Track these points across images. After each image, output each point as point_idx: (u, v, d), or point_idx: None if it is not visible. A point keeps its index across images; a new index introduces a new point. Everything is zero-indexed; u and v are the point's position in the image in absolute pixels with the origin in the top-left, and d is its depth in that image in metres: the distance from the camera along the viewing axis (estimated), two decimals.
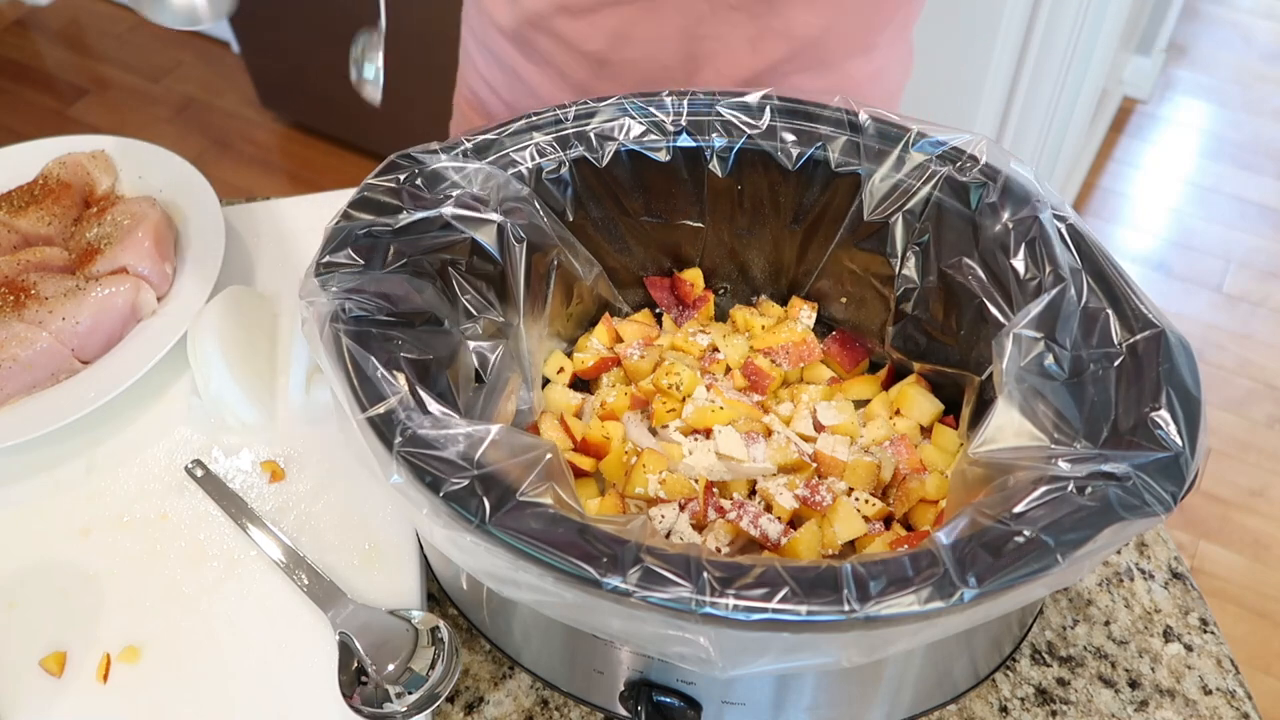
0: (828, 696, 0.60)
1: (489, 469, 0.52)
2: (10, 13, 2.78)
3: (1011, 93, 1.61)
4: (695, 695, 0.59)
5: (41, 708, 0.65)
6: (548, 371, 0.77)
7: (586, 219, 0.74)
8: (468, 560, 0.52)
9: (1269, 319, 2.14)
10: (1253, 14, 2.82)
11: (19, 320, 0.79)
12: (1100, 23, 1.65)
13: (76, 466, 0.77)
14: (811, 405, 0.74)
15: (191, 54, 2.65)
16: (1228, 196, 2.37)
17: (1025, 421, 0.59)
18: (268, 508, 0.74)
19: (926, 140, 0.69)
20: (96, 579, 0.71)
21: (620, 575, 0.48)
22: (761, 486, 0.69)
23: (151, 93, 2.55)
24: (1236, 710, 0.67)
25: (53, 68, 2.66)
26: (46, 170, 0.92)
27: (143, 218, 0.86)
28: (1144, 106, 2.55)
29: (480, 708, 0.67)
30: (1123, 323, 0.59)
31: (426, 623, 0.65)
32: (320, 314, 0.58)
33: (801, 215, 0.75)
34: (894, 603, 0.47)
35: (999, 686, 0.68)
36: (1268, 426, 1.96)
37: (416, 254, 0.64)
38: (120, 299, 0.80)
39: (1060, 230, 0.63)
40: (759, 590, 0.47)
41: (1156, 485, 0.51)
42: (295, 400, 0.80)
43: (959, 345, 0.71)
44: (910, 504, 0.69)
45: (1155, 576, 0.73)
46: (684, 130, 0.72)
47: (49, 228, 0.88)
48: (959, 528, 0.51)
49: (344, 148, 2.38)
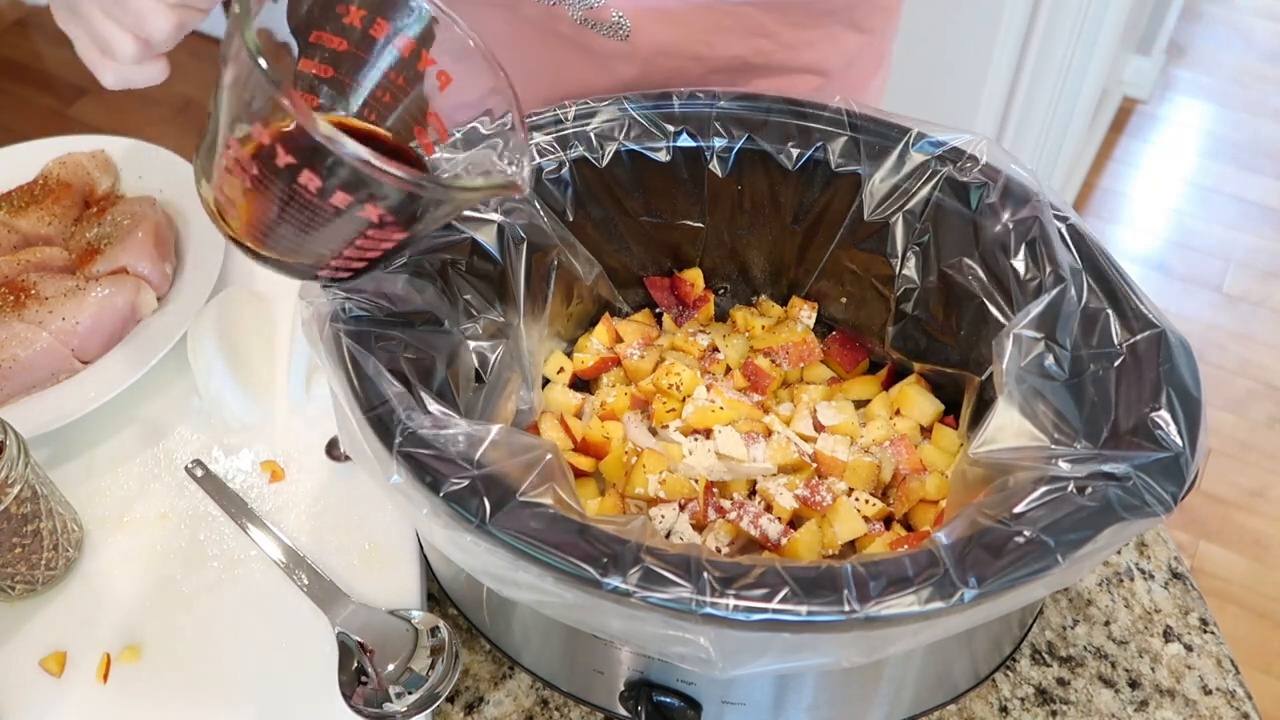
0: (828, 696, 0.60)
1: (489, 469, 0.52)
2: (10, 13, 2.78)
3: (1011, 93, 1.61)
4: (695, 695, 0.59)
5: (41, 708, 0.65)
6: (548, 371, 0.77)
7: (586, 219, 0.74)
8: (468, 560, 0.52)
9: (1269, 319, 2.14)
10: (1253, 14, 2.82)
11: (19, 320, 0.79)
12: (1100, 23, 1.65)
13: (76, 466, 0.77)
14: (811, 405, 0.74)
15: (191, 54, 2.64)
16: (1228, 196, 2.37)
17: (1025, 422, 0.59)
18: (268, 508, 0.74)
19: (926, 140, 0.69)
20: (96, 579, 0.71)
21: (620, 575, 0.48)
22: (761, 486, 0.69)
23: (151, 93, 2.53)
24: (1236, 710, 0.67)
25: (53, 68, 2.66)
26: (46, 170, 0.92)
27: (143, 218, 0.86)
28: (1144, 106, 2.55)
29: (480, 708, 0.67)
30: (1123, 323, 0.59)
31: (426, 623, 0.65)
32: (320, 314, 0.58)
33: (801, 215, 0.75)
34: (894, 603, 0.47)
35: (999, 686, 0.68)
36: (1268, 426, 1.96)
37: (416, 254, 0.64)
38: (120, 299, 0.80)
39: (1060, 230, 0.63)
40: (759, 590, 0.47)
41: (1156, 485, 0.51)
42: (295, 400, 0.80)
43: (959, 345, 0.71)
44: (910, 504, 0.69)
45: (1155, 576, 0.73)
46: (684, 130, 0.72)
47: (49, 228, 0.88)
48: (959, 528, 0.51)
49: None
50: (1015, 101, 1.63)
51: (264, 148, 0.49)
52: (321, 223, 0.51)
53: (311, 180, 0.49)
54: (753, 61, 0.81)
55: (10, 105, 2.55)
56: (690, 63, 0.80)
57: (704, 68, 0.81)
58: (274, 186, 0.50)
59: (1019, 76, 1.59)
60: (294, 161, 0.48)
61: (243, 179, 0.51)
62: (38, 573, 0.68)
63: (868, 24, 0.84)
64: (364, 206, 0.50)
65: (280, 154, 0.48)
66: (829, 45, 0.83)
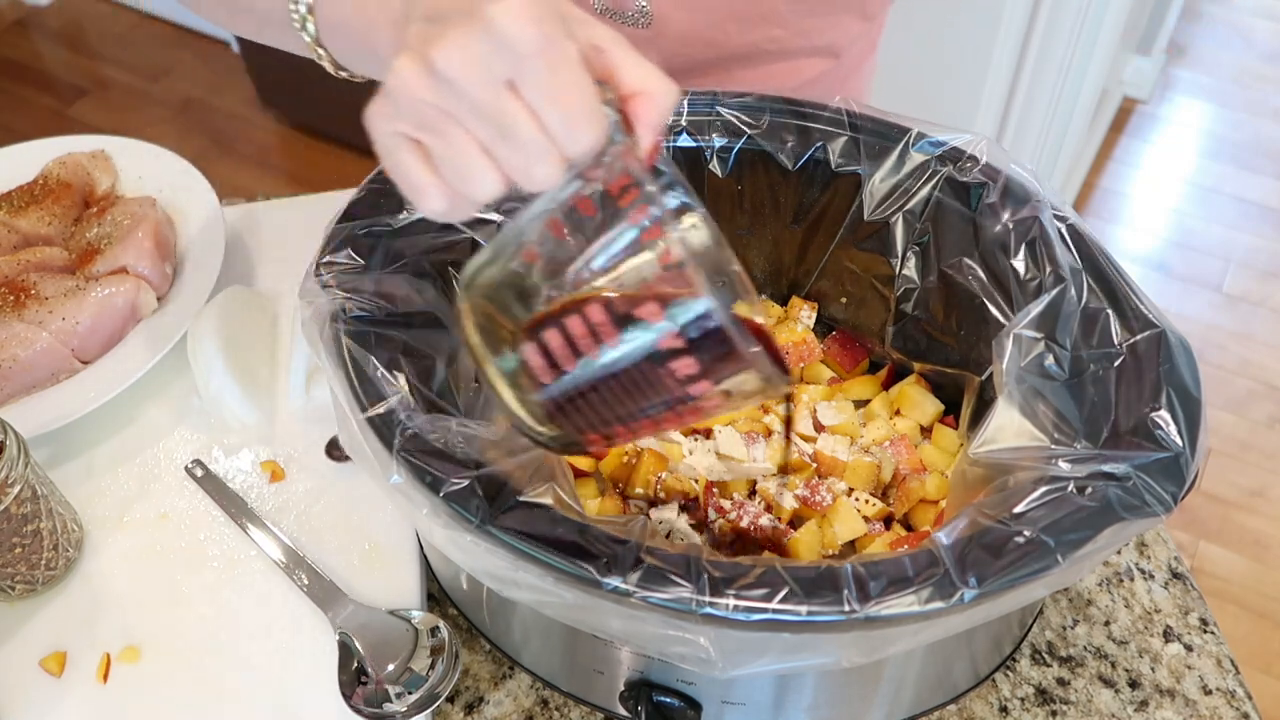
0: (828, 696, 0.60)
1: (489, 469, 0.52)
2: (10, 13, 2.78)
3: (1011, 93, 1.61)
4: (695, 695, 0.59)
5: (41, 708, 0.65)
6: None
7: None
8: (468, 560, 0.52)
9: (1269, 319, 2.14)
10: (1253, 14, 2.82)
11: (19, 320, 0.79)
12: (1100, 23, 1.65)
13: (76, 466, 0.77)
14: (811, 405, 0.74)
15: (191, 54, 2.65)
16: (1228, 196, 2.37)
17: (1025, 422, 0.59)
18: (268, 508, 0.74)
19: (926, 140, 0.69)
20: (96, 579, 0.71)
21: (620, 575, 0.48)
22: (761, 486, 0.69)
23: (151, 93, 2.55)
24: (1236, 710, 0.67)
25: (53, 68, 2.66)
26: (46, 170, 0.92)
27: (143, 218, 0.86)
28: (1144, 106, 2.55)
29: (480, 708, 0.67)
30: (1123, 323, 0.59)
31: (426, 623, 0.65)
32: (320, 314, 0.58)
33: (801, 215, 0.75)
34: (894, 603, 0.47)
35: (999, 686, 0.68)
36: (1268, 426, 1.96)
37: (416, 254, 0.64)
38: (120, 299, 0.80)
39: (1060, 230, 0.63)
40: (759, 590, 0.47)
41: (1156, 485, 0.51)
42: (295, 400, 0.80)
43: (959, 345, 0.71)
44: (910, 504, 0.69)
45: (1155, 576, 0.73)
46: (684, 130, 0.72)
47: (49, 228, 0.88)
48: (959, 528, 0.51)
49: (344, 148, 2.38)
50: (1015, 101, 1.63)
51: (634, 321, 0.44)
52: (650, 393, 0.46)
53: (688, 368, 0.45)
54: (766, 48, 0.83)
55: (10, 105, 2.55)
56: (708, 50, 0.81)
57: (721, 55, 0.82)
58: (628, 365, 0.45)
59: (1019, 77, 1.59)
60: (684, 348, 0.44)
61: (590, 349, 0.45)
62: (38, 573, 0.68)
63: (872, 10, 0.86)
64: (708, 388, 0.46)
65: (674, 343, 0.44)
66: (835, 31, 0.85)
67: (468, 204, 0.46)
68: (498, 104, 0.42)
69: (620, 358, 0.45)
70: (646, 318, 0.44)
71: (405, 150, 0.45)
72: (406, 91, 0.43)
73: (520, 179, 0.44)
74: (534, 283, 0.47)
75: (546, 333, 0.46)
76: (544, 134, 0.43)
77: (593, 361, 0.46)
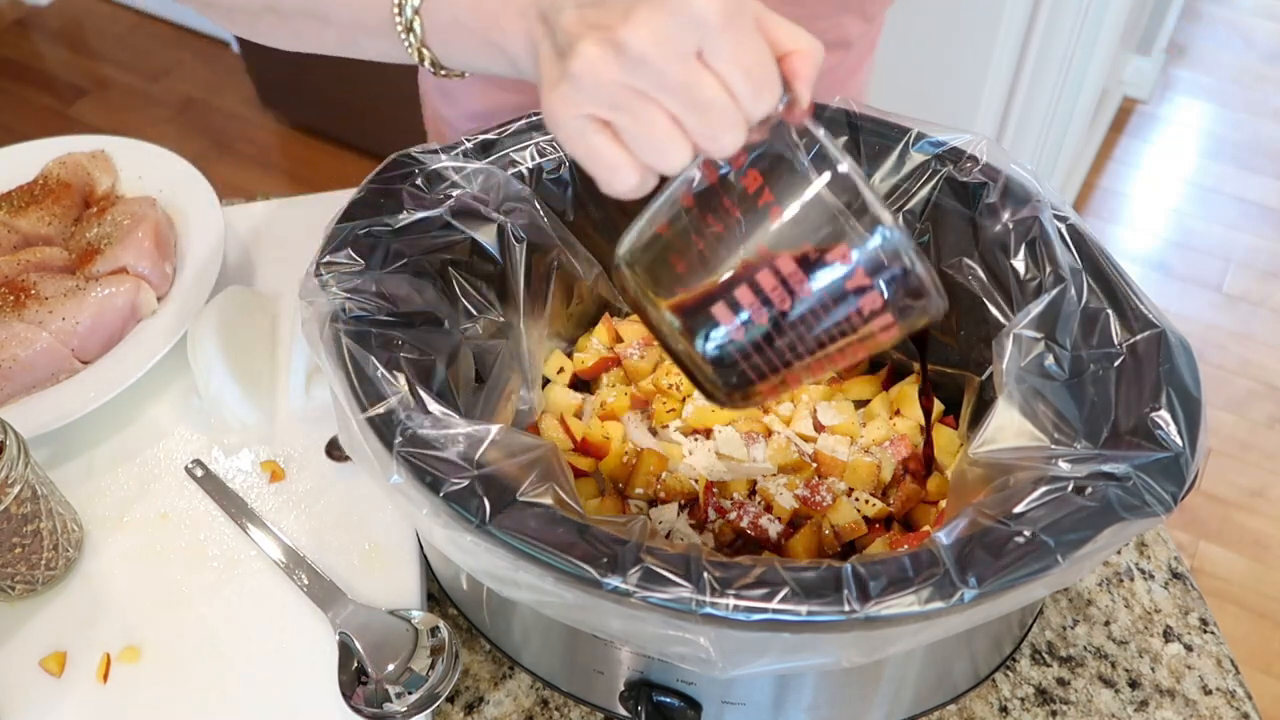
0: (828, 696, 0.60)
1: (489, 469, 0.52)
2: (10, 13, 2.78)
3: (1011, 93, 1.61)
4: (695, 695, 0.59)
5: (41, 708, 0.65)
6: (548, 371, 0.77)
7: (587, 219, 0.74)
8: (468, 560, 0.52)
9: (1269, 319, 2.14)
10: (1253, 14, 2.82)
11: (19, 320, 0.79)
12: (1100, 23, 1.65)
13: (76, 466, 0.77)
14: (811, 405, 0.74)
15: (191, 54, 2.65)
16: (1228, 196, 2.37)
17: (1025, 421, 0.59)
18: (268, 508, 0.74)
19: (926, 140, 0.69)
20: (96, 579, 0.71)
21: (620, 575, 0.48)
22: (761, 486, 0.69)
23: (151, 93, 2.55)
24: (1236, 710, 0.67)
25: (53, 68, 2.66)
26: (46, 170, 0.92)
27: (143, 218, 0.86)
28: (1144, 106, 2.55)
29: (480, 708, 0.67)
30: (1123, 323, 0.59)
31: (426, 623, 0.65)
32: (320, 314, 0.58)
33: None
34: (894, 603, 0.47)
35: (999, 686, 0.68)
36: (1268, 426, 1.96)
37: (416, 254, 0.64)
38: (120, 299, 0.80)
39: (1060, 230, 0.63)
40: (759, 590, 0.47)
41: (1156, 485, 0.51)
42: (295, 400, 0.80)
43: (959, 345, 0.71)
44: (910, 504, 0.69)
45: (1155, 576, 0.73)
46: None
47: (49, 228, 0.88)
48: (959, 528, 0.51)
49: (344, 148, 2.38)
50: (1015, 101, 1.62)
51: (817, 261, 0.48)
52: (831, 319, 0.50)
53: (873, 302, 0.49)
54: None
55: (10, 105, 2.55)
56: None
57: None
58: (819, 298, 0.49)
59: (1019, 77, 1.59)
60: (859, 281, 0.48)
61: (782, 300, 0.49)
62: (38, 573, 0.68)
63: (872, 11, 0.86)
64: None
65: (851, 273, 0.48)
66: (834, 33, 0.85)
67: (653, 178, 0.47)
68: (691, 76, 0.44)
69: (815, 301, 0.49)
70: (838, 259, 0.48)
71: (595, 132, 0.45)
72: (595, 75, 0.44)
73: (709, 146, 0.45)
74: (705, 250, 0.50)
75: (737, 290, 0.49)
76: (733, 100, 0.44)
77: (788, 311, 0.49)
